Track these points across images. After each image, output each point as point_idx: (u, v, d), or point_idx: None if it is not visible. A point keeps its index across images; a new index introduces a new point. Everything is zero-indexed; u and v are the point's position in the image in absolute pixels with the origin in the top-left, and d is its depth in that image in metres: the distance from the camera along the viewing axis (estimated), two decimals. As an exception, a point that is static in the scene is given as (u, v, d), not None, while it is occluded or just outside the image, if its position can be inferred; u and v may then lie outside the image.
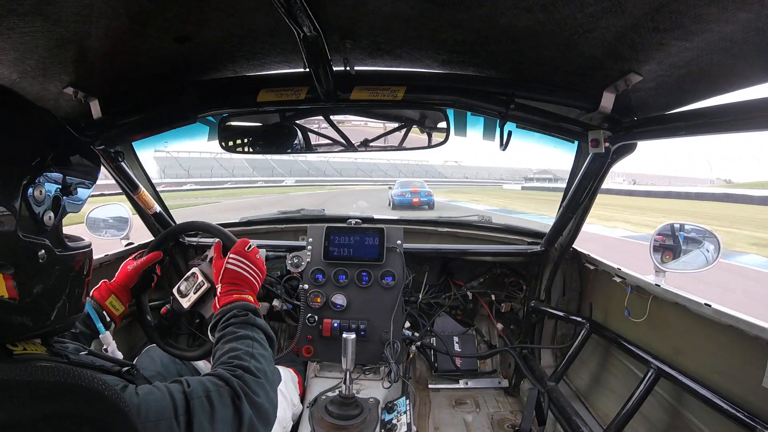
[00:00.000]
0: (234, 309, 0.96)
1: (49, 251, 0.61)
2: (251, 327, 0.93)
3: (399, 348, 1.68)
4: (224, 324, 0.93)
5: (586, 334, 1.69)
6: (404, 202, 15.84)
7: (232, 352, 0.84)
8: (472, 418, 1.88)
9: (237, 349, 0.85)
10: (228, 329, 0.91)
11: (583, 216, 1.66)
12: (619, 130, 1.21)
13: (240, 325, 0.92)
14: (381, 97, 1.24)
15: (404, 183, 18.05)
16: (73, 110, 1.26)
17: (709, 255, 1.44)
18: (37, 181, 0.59)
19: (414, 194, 16.10)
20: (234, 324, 0.92)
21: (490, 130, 1.56)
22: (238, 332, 0.90)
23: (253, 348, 0.87)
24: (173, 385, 0.72)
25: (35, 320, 0.61)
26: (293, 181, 49.89)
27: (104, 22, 0.84)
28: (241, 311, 0.95)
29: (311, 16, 0.80)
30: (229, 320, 0.93)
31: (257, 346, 0.88)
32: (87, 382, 0.54)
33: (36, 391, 0.50)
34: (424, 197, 16.09)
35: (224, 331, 0.91)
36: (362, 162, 72.51)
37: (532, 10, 0.79)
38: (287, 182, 48.77)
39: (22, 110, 0.63)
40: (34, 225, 0.59)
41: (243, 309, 0.96)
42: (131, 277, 1.21)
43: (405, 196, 16.14)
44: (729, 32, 0.74)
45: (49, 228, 0.62)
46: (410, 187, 16.68)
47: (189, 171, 41.71)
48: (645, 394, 1.30)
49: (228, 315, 0.95)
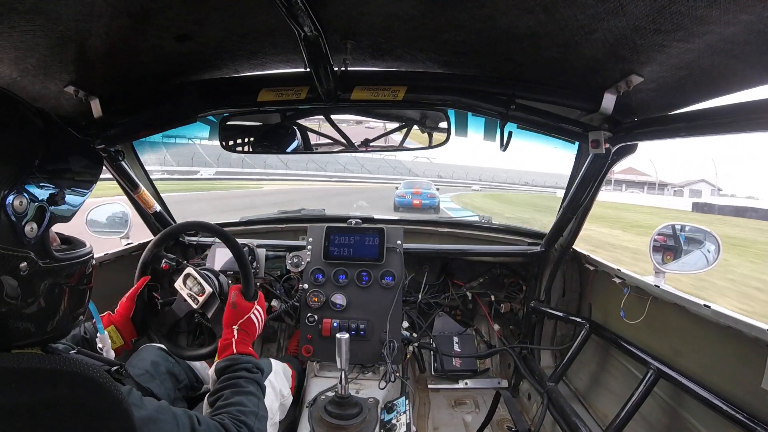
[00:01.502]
0: (249, 363, 1.00)
1: (31, 264, 0.58)
2: (257, 386, 0.97)
3: (396, 348, 1.68)
4: (234, 372, 0.97)
5: (585, 335, 1.70)
6: (404, 204, 14.89)
7: (241, 406, 0.88)
8: (471, 419, 1.88)
9: (245, 406, 0.89)
10: (237, 380, 0.95)
11: (584, 217, 1.66)
12: (619, 131, 1.21)
13: (249, 381, 0.96)
14: (382, 97, 1.24)
15: (408, 183, 17.04)
16: (74, 109, 1.25)
17: (710, 255, 1.44)
18: (18, 189, 0.56)
19: (415, 195, 15.13)
20: (245, 378, 0.96)
21: (491, 130, 1.57)
22: (247, 387, 0.94)
23: (258, 408, 0.92)
24: (181, 415, 0.74)
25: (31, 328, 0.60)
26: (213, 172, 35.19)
27: (105, 20, 0.84)
28: (254, 368, 1.00)
29: (312, 15, 0.80)
30: (241, 371, 0.97)
31: (261, 406, 0.93)
32: (83, 370, 0.55)
33: (34, 377, 0.51)
34: (426, 199, 14.88)
35: (233, 381, 0.95)
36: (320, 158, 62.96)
37: (533, 11, 0.79)
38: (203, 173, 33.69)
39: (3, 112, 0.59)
40: (14, 237, 0.56)
41: (256, 367, 1.01)
42: (128, 307, 1.20)
43: (405, 197, 15.26)
44: (730, 34, 0.74)
45: (32, 240, 0.58)
46: (413, 188, 15.73)
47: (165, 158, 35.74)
48: (644, 395, 1.30)
49: (241, 366, 0.99)
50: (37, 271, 0.59)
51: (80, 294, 0.70)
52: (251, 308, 1.12)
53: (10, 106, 0.60)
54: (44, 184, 0.60)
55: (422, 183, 17.25)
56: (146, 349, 1.42)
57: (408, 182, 17.35)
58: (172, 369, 1.37)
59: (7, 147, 0.57)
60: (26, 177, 0.57)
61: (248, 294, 1.15)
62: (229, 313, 1.10)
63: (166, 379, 1.33)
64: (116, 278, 1.29)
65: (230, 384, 0.93)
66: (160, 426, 0.67)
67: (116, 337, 1.16)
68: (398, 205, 14.95)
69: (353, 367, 1.71)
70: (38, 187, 0.59)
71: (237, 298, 1.12)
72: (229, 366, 0.98)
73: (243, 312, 1.10)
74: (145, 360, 1.33)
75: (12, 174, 0.55)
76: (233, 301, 1.11)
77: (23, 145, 0.59)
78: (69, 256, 0.66)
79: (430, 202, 14.80)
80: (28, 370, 0.52)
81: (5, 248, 0.55)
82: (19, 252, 0.57)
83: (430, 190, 15.52)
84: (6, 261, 0.55)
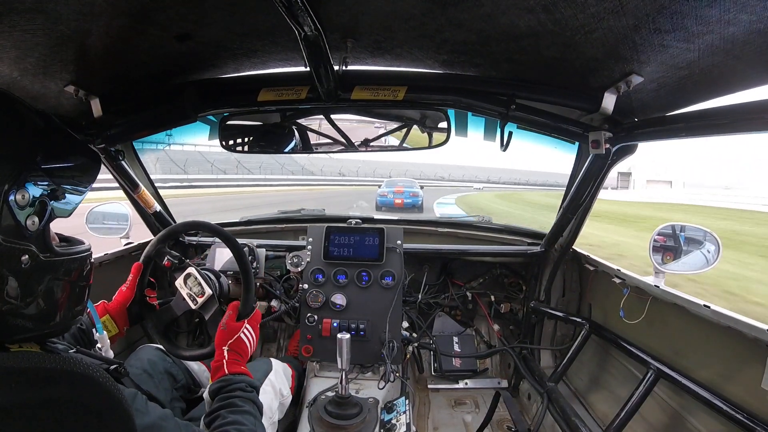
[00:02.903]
0: (243, 382, 1.00)
1: (33, 257, 0.59)
2: (253, 404, 0.97)
3: (396, 348, 1.68)
4: (229, 393, 0.97)
5: (585, 335, 1.70)
6: (386, 203, 14.30)
7: (239, 425, 0.88)
8: (471, 419, 1.88)
9: (242, 424, 0.89)
10: (232, 400, 0.95)
11: (584, 217, 1.66)
12: (619, 131, 1.21)
13: (245, 400, 0.96)
14: (382, 96, 1.24)
15: (391, 182, 16.51)
16: (74, 109, 1.25)
17: (710, 255, 1.44)
18: (20, 184, 0.57)
19: (397, 194, 14.44)
20: (240, 397, 0.96)
21: (491, 130, 1.57)
22: (242, 407, 0.94)
23: (256, 427, 0.91)
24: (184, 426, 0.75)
25: (29, 324, 0.61)
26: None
27: (105, 20, 0.84)
28: (248, 387, 1.00)
29: (312, 15, 0.80)
30: (235, 392, 0.97)
31: (258, 425, 0.93)
32: (82, 369, 0.55)
33: (33, 376, 0.52)
34: (408, 198, 14.36)
35: (228, 401, 0.95)
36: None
37: (533, 11, 0.79)
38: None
39: (5, 111, 0.61)
40: (16, 230, 0.57)
41: (250, 386, 1.01)
42: (127, 296, 1.21)
43: (387, 196, 14.54)
44: (730, 34, 0.74)
45: (33, 233, 0.60)
46: (395, 187, 15.19)
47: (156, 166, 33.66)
48: (644, 395, 1.30)
49: (235, 386, 0.98)
50: (38, 264, 0.60)
51: (79, 291, 0.71)
52: (240, 328, 1.10)
53: (11, 107, 0.62)
54: (45, 180, 0.61)
55: (405, 181, 16.69)
56: (144, 349, 1.42)
57: (390, 181, 16.88)
58: (170, 369, 1.37)
59: (9, 145, 0.58)
60: (28, 173, 0.59)
61: (244, 311, 1.15)
62: (219, 333, 1.09)
63: (164, 379, 1.33)
64: (116, 278, 1.29)
65: (226, 404, 0.93)
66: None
67: (111, 326, 1.17)
68: (380, 205, 14.40)
69: (353, 367, 1.71)
70: (39, 182, 0.60)
71: (228, 318, 1.12)
72: (223, 387, 0.98)
73: (232, 332, 1.09)
74: (143, 360, 1.34)
75: (14, 169, 0.57)
76: (224, 322, 1.10)
77: (25, 142, 0.61)
78: (69, 251, 0.67)
79: (413, 201, 14.34)
80: (27, 369, 0.52)
81: (7, 240, 0.56)
82: (21, 245, 0.58)
83: (413, 189, 15.05)
84: (8, 253, 0.57)
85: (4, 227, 0.56)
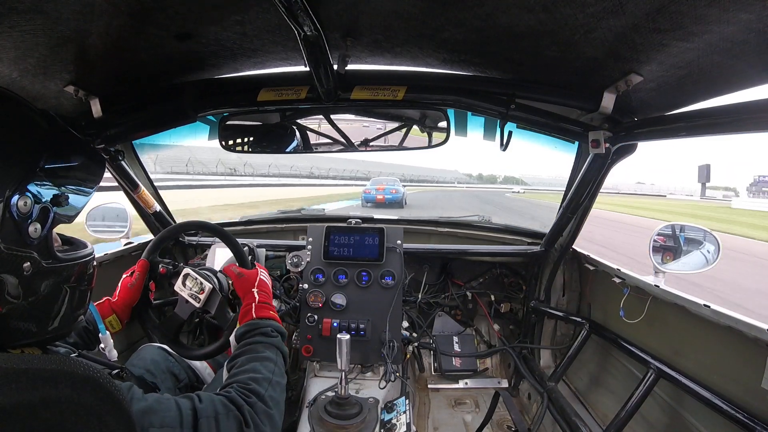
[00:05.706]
0: (268, 327, 0.97)
1: (35, 263, 0.59)
2: (276, 351, 0.93)
3: (396, 348, 1.68)
4: (252, 337, 0.94)
5: (585, 335, 1.70)
6: (370, 199, 16.75)
7: (253, 373, 0.84)
8: (471, 418, 1.88)
9: (258, 372, 0.85)
10: (254, 345, 0.91)
11: (583, 217, 1.66)
12: (619, 130, 1.21)
13: (267, 345, 0.93)
14: (382, 96, 1.24)
15: (375, 181, 19.10)
16: (74, 109, 1.25)
17: (710, 255, 1.44)
18: (22, 191, 0.56)
19: (379, 191, 16.89)
20: (262, 343, 0.93)
21: (491, 130, 1.57)
22: (263, 353, 0.90)
23: (273, 374, 0.87)
24: (182, 399, 0.73)
25: (31, 328, 0.61)
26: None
27: (105, 20, 0.84)
28: (274, 332, 0.97)
29: (311, 15, 0.80)
30: (258, 336, 0.94)
31: (277, 372, 0.88)
32: (83, 370, 0.55)
33: (34, 376, 0.51)
34: (388, 194, 16.79)
35: (250, 346, 0.91)
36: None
37: (533, 10, 0.79)
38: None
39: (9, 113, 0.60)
40: (18, 237, 0.57)
41: (276, 330, 0.98)
42: (133, 296, 1.20)
43: (370, 193, 17.00)
44: (730, 33, 0.74)
45: (36, 240, 0.59)
46: (377, 185, 17.55)
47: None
48: (644, 394, 1.30)
49: (259, 330, 0.95)
50: (40, 271, 0.60)
51: (81, 294, 0.71)
52: (257, 272, 1.14)
53: (15, 108, 0.61)
54: (48, 185, 0.61)
55: (386, 180, 19.49)
56: (146, 348, 1.42)
57: (374, 180, 19.51)
58: (172, 368, 1.37)
59: (12, 148, 0.58)
60: (31, 178, 0.58)
61: (246, 265, 1.18)
62: (239, 283, 1.10)
63: (167, 378, 1.33)
64: (116, 278, 1.29)
65: (247, 350, 0.90)
66: (159, 414, 0.66)
67: (116, 323, 1.17)
68: (365, 201, 17.06)
69: (353, 367, 1.71)
70: (42, 188, 0.60)
71: (239, 269, 1.14)
72: (248, 331, 0.96)
73: (252, 276, 1.11)
74: (145, 359, 1.34)
75: (17, 175, 0.56)
76: (237, 273, 1.12)
77: (28, 146, 0.60)
78: (71, 256, 0.67)
79: (392, 197, 16.89)
80: (28, 370, 0.52)
81: (9, 248, 0.56)
82: (23, 252, 0.57)
83: (393, 186, 17.58)
84: (10, 261, 0.56)
85: (5, 233, 0.55)
